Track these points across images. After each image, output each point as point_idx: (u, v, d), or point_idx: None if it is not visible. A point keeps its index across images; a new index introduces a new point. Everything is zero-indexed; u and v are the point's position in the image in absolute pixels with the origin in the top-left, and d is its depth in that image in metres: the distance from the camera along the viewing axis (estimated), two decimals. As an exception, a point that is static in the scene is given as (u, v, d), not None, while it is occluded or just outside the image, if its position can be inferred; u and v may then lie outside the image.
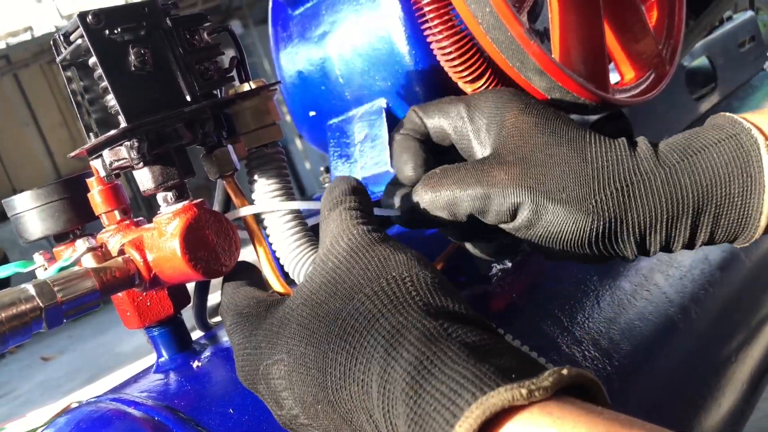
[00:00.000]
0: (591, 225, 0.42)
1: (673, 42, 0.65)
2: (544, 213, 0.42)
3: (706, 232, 0.43)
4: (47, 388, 4.45)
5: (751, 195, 0.42)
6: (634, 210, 0.42)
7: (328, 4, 0.64)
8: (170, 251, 0.43)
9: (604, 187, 0.42)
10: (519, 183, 0.43)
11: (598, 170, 0.42)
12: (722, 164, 0.42)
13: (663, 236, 0.43)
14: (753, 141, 0.41)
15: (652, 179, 0.42)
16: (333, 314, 0.35)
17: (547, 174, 0.43)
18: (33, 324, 0.40)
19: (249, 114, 0.45)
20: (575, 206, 0.42)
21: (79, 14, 0.40)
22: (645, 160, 0.43)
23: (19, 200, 0.51)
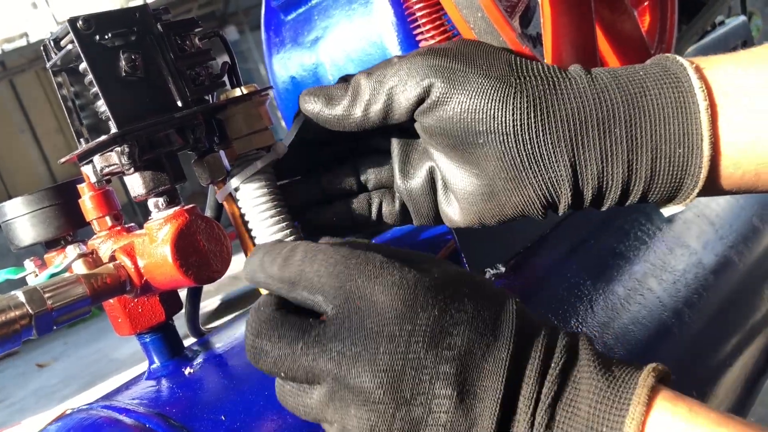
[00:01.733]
0: (514, 98, 0.39)
1: (665, 46, 0.66)
2: (463, 80, 0.40)
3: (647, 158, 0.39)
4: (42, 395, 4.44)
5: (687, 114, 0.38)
6: (561, 100, 0.39)
7: (321, 10, 0.64)
8: (161, 257, 0.42)
9: (528, 71, 0.40)
10: (440, 54, 0.41)
11: (522, 61, 0.41)
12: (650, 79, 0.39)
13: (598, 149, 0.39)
14: (678, 64, 0.39)
15: (578, 79, 0.40)
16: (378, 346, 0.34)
17: (472, 53, 0.41)
18: (23, 331, 0.40)
19: (241, 119, 0.45)
20: (497, 75, 0.39)
21: (70, 20, 0.40)
22: (574, 69, 0.41)
23: (9, 206, 0.51)
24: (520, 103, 0.39)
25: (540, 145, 0.39)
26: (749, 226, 0.85)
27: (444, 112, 0.40)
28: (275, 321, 0.35)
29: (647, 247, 0.71)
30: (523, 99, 0.39)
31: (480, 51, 0.42)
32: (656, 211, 0.76)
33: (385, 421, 0.33)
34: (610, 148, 0.39)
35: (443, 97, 0.40)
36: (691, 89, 0.38)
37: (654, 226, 0.74)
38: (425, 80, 0.40)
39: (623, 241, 0.69)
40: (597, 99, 0.39)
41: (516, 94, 0.39)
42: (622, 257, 0.68)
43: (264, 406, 0.45)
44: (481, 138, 0.40)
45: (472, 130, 0.40)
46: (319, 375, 0.34)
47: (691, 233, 0.76)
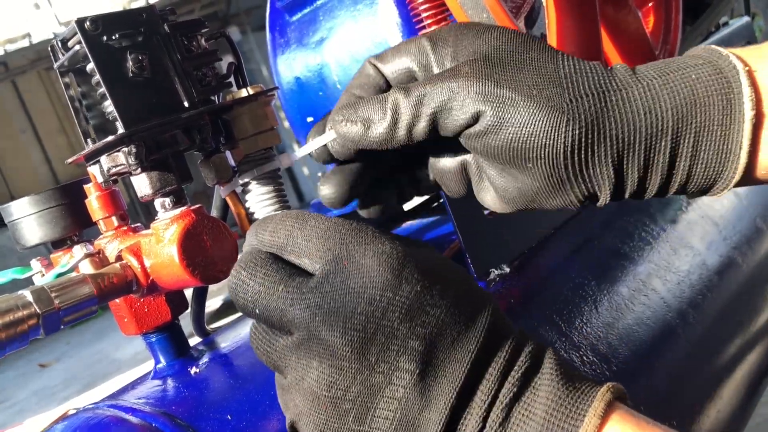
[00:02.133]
0: (566, 126, 0.38)
1: (670, 47, 0.66)
2: (513, 110, 0.38)
3: (685, 164, 0.39)
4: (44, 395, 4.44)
5: (731, 124, 0.38)
6: (612, 119, 0.38)
7: (326, 10, 0.64)
8: (168, 257, 0.43)
9: (578, 89, 0.39)
10: (484, 76, 0.39)
11: (570, 75, 0.39)
12: (701, 85, 0.39)
13: (641, 161, 0.39)
14: (732, 66, 0.39)
15: (629, 90, 0.39)
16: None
17: (515, 72, 0.39)
18: (30, 330, 0.40)
19: (247, 119, 0.45)
20: (548, 103, 0.38)
21: (77, 20, 0.40)
22: (620, 73, 0.40)
23: (16, 206, 0.51)
24: (572, 130, 0.38)
25: (588, 163, 0.39)
26: (753, 227, 0.85)
27: (493, 140, 0.40)
28: (264, 261, 0.36)
29: (651, 248, 0.71)
30: (575, 126, 0.38)
31: (529, 63, 0.40)
32: (660, 212, 0.76)
33: (345, 380, 0.33)
34: (654, 158, 0.39)
35: (493, 127, 0.39)
36: (740, 96, 0.38)
37: (658, 227, 0.74)
38: (473, 108, 0.39)
39: (627, 242, 0.69)
40: (647, 112, 0.39)
41: (568, 122, 0.38)
42: (626, 258, 0.68)
43: (270, 406, 0.46)
44: (530, 163, 0.40)
45: (522, 156, 0.39)
46: (292, 321, 0.35)
47: (694, 234, 0.76)
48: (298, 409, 0.35)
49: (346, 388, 0.33)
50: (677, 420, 0.62)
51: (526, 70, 0.39)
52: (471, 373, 0.33)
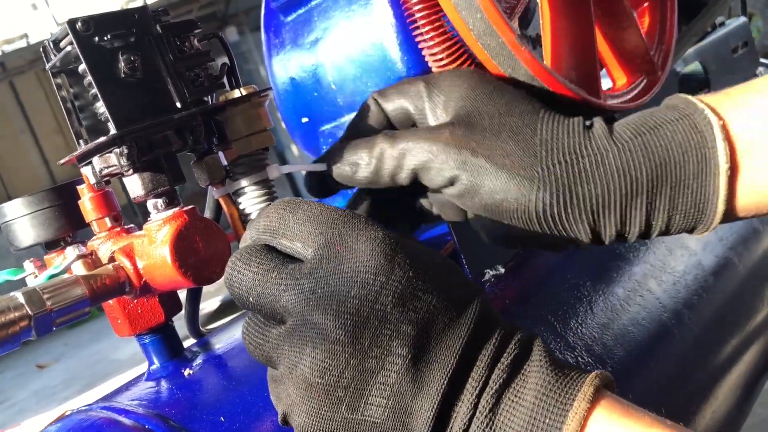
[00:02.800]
0: (537, 194, 0.41)
1: (665, 47, 0.66)
2: (486, 178, 0.41)
3: (663, 217, 0.42)
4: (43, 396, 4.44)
5: (706, 177, 0.40)
6: (585, 184, 0.41)
7: (321, 11, 0.64)
8: (160, 258, 0.42)
9: (552, 157, 0.41)
10: (461, 144, 0.42)
11: (546, 141, 0.41)
12: (676, 143, 0.41)
13: (617, 218, 0.41)
14: (707, 122, 0.41)
15: (604, 154, 0.41)
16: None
17: (492, 139, 0.42)
18: (22, 332, 0.40)
19: (240, 120, 0.45)
20: (519, 173, 0.41)
21: (69, 21, 0.40)
22: (598, 136, 0.42)
23: (9, 207, 0.51)
24: (544, 195, 0.41)
25: (563, 222, 0.42)
26: (749, 227, 0.85)
27: (469, 201, 0.43)
28: (258, 250, 0.36)
29: (647, 248, 0.71)
30: (547, 193, 0.41)
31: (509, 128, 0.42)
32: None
33: (338, 365, 0.33)
34: (630, 214, 0.42)
35: (467, 192, 0.42)
36: (714, 151, 0.40)
37: (654, 227, 0.74)
38: (449, 173, 0.42)
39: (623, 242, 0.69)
40: (621, 173, 0.41)
41: (539, 189, 0.41)
42: (622, 258, 0.68)
43: (263, 407, 0.46)
44: (506, 219, 0.42)
45: (498, 214, 0.42)
46: (285, 307, 0.35)
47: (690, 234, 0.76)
48: (290, 399, 0.35)
49: (339, 374, 0.33)
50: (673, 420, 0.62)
51: (504, 136, 0.42)
52: (462, 360, 0.34)
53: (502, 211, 0.42)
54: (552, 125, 0.42)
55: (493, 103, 0.44)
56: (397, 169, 0.43)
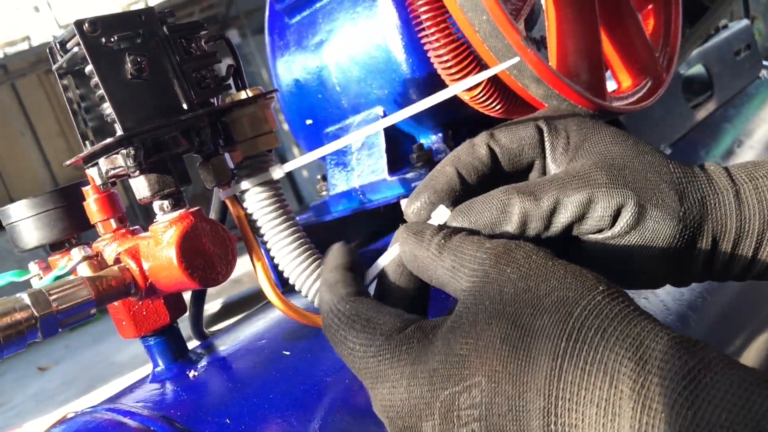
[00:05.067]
0: (681, 233, 0.41)
1: (670, 50, 0.65)
2: (646, 217, 0.41)
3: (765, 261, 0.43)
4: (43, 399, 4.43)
5: None
6: (710, 224, 0.42)
7: (325, 13, 0.64)
8: (166, 260, 0.42)
9: (689, 196, 0.42)
10: (623, 185, 0.41)
11: (681, 180, 0.42)
12: None
13: (728, 254, 0.42)
14: None
15: (725, 194, 0.42)
16: (545, 328, 0.31)
17: (644, 179, 0.42)
18: (28, 333, 0.40)
19: (246, 122, 0.45)
20: (671, 212, 0.41)
21: (76, 22, 0.40)
22: (717, 177, 0.43)
23: (14, 209, 0.51)
24: (684, 236, 0.41)
25: (684, 258, 0.42)
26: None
27: (623, 240, 0.41)
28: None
29: (651, 251, 0.70)
30: (687, 232, 0.41)
31: (649, 166, 0.42)
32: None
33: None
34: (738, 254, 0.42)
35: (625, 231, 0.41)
36: None
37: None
38: (609, 217, 0.40)
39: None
40: (737, 214, 0.42)
41: (682, 229, 0.41)
42: (626, 261, 0.68)
43: (268, 410, 0.45)
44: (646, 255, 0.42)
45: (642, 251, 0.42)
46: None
47: None
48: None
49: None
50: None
51: (650, 175, 0.42)
52: None
53: (649, 247, 0.41)
54: (678, 166, 0.43)
55: (622, 143, 0.43)
56: (545, 229, 0.40)
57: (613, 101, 0.58)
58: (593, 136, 0.43)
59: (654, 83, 0.62)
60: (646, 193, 0.41)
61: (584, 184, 0.40)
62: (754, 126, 0.99)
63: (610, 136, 0.44)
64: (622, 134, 0.44)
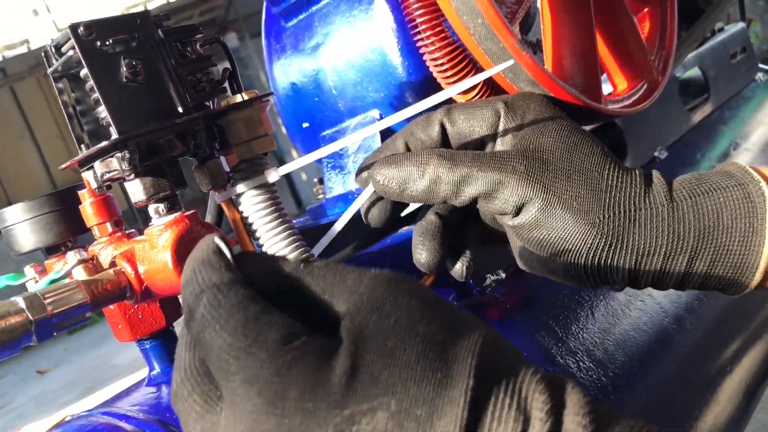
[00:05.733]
0: (593, 240, 0.42)
1: (666, 53, 0.66)
2: (552, 216, 0.42)
3: (700, 276, 0.43)
4: (42, 401, 4.43)
5: (750, 246, 0.41)
6: (636, 236, 0.42)
7: (321, 16, 0.64)
8: (162, 263, 0.42)
9: (614, 206, 0.42)
10: (536, 179, 0.42)
11: (610, 188, 0.42)
12: (727, 210, 0.42)
13: (657, 270, 0.42)
14: (760, 193, 0.42)
15: (659, 210, 0.42)
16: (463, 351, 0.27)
17: (565, 179, 0.42)
18: (23, 337, 0.40)
19: (241, 125, 0.45)
20: (584, 217, 0.42)
21: (71, 26, 0.40)
22: (656, 192, 0.43)
23: (10, 212, 0.51)
24: (599, 243, 0.42)
25: (606, 267, 0.42)
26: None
27: (527, 232, 0.43)
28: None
29: (648, 253, 0.70)
30: (603, 240, 0.42)
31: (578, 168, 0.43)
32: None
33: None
34: (669, 269, 0.43)
35: (533, 224, 0.42)
36: (763, 222, 0.41)
37: (654, 232, 0.73)
38: (515, 204, 0.42)
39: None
40: (670, 232, 0.42)
41: (596, 237, 0.42)
42: (623, 263, 0.68)
43: (264, 413, 0.45)
44: (556, 253, 0.43)
45: (546, 249, 0.43)
46: None
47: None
48: None
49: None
50: (674, 426, 0.62)
51: (575, 178, 0.42)
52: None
53: (557, 249, 0.42)
54: (616, 171, 0.43)
55: (564, 139, 0.44)
56: (454, 195, 0.42)
57: (609, 104, 0.58)
58: (542, 127, 0.44)
59: (650, 86, 0.63)
60: (560, 193, 0.42)
61: (501, 166, 0.42)
62: (750, 128, 1.00)
63: (556, 131, 0.44)
64: (571, 131, 0.44)
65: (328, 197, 0.67)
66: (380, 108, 0.62)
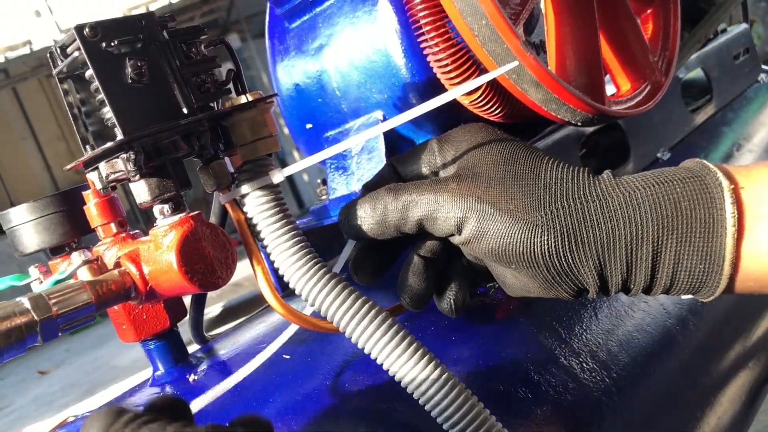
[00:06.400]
0: (542, 238, 0.41)
1: (669, 54, 0.66)
2: (492, 223, 0.42)
3: (668, 270, 0.42)
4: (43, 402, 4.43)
5: (714, 238, 0.41)
6: (591, 229, 0.42)
7: (325, 17, 0.64)
8: (166, 264, 0.42)
9: (555, 202, 0.42)
10: (467, 193, 0.43)
11: (550, 186, 0.43)
12: (685, 199, 0.41)
13: (623, 265, 0.42)
14: (717, 183, 0.41)
15: (609, 201, 0.42)
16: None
17: (497, 187, 0.43)
18: (28, 337, 0.40)
19: (246, 126, 0.45)
20: (523, 217, 0.42)
21: (76, 27, 0.40)
22: (605, 184, 0.43)
23: (14, 213, 0.51)
24: (548, 239, 0.42)
25: (570, 266, 0.42)
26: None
27: (476, 247, 0.44)
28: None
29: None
30: (551, 236, 0.42)
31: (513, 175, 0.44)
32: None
33: None
34: (635, 263, 0.42)
35: (474, 238, 0.43)
36: (722, 212, 0.41)
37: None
38: (455, 221, 0.43)
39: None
40: (627, 220, 0.42)
41: (542, 233, 0.42)
42: (626, 264, 0.68)
43: (269, 414, 0.45)
44: (513, 265, 0.43)
45: (504, 260, 0.43)
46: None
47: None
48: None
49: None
50: (677, 427, 0.62)
51: (508, 182, 0.43)
52: None
53: (509, 255, 0.42)
54: (556, 171, 0.44)
55: (497, 152, 0.45)
56: (402, 221, 0.45)
57: (612, 105, 0.58)
58: (478, 150, 0.46)
59: (653, 87, 0.63)
60: (495, 201, 0.43)
61: (435, 188, 0.44)
62: (753, 130, 1.00)
63: (490, 148, 0.46)
64: (506, 146, 0.46)
65: (331, 198, 0.67)
66: (384, 109, 0.62)
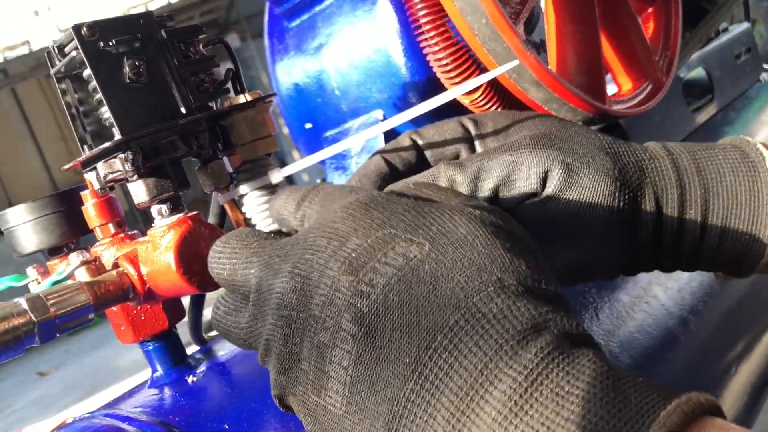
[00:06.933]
0: (619, 193, 0.41)
1: (670, 53, 0.65)
2: (577, 176, 0.40)
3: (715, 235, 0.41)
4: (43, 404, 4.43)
5: (758, 204, 0.41)
6: (650, 185, 0.41)
7: (324, 17, 0.64)
8: (165, 264, 0.42)
9: (622, 158, 0.42)
10: (548, 146, 0.41)
11: (612, 147, 0.42)
12: (727, 166, 0.41)
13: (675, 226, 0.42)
14: (758, 153, 0.41)
15: (662, 162, 0.42)
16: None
17: (573, 143, 0.42)
18: (26, 338, 0.39)
19: (244, 126, 0.45)
20: (604, 170, 0.41)
21: (74, 26, 0.40)
22: (654, 149, 0.43)
23: (12, 214, 0.51)
24: (624, 196, 0.41)
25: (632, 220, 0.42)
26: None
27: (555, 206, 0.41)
28: (243, 232, 0.37)
29: (652, 255, 0.70)
30: (626, 193, 0.41)
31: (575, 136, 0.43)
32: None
33: (295, 334, 0.29)
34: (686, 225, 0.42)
35: (556, 194, 0.40)
36: (766, 177, 0.41)
37: (658, 234, 0.73)
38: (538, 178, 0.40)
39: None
40: (677, 180, 0.42)
41: (620, 189, 0.41)
42: (627, 264, 0.67)
43: (267, 415, 0.45)
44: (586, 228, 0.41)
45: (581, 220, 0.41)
46: (249, 275, 0.34)
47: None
48: (271, 376, 0.33)
49: (299, 345, 0.29)
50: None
51: (576, 143, 0.42)
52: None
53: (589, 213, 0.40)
54: (610, 138, 0.43)
55: (550, 121, 0.44)
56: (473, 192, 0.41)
57: (613, 105, 0.58)
58: (519, 121, 0.45)
59: (654, 86, 0.62)
60: (574, 154, 0.41)
61: (509, 149, 0.41)
62: (755, 129, 0.99)
63: (534, 118, 0.45)
64: (546, 116, 0.45)
65: (331, 198, 0.67)
66: (384, 109, 0.62)
